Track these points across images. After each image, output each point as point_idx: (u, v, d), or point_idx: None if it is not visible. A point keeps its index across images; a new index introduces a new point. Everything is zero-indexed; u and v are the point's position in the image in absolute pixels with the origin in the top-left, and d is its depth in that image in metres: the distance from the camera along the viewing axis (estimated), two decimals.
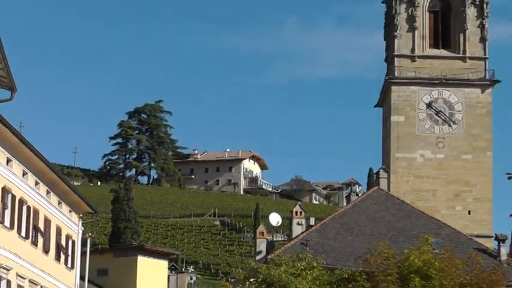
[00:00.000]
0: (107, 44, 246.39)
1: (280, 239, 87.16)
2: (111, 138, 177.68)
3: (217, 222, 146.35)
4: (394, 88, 71.24)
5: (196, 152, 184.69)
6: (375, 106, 76.26)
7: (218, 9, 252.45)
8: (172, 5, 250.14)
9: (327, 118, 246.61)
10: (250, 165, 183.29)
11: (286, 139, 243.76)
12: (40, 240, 48.22)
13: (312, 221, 62.47)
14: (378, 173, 65.91)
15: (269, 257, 46.46)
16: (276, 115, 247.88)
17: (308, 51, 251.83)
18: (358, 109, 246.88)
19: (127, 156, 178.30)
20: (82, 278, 55.33)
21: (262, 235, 60.69)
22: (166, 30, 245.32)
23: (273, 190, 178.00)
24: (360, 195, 71.39)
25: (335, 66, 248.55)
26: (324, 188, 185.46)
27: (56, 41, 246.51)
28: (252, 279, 37.40)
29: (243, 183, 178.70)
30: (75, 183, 78.27)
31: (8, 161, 42.88)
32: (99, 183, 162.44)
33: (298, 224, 58.93)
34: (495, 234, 56.98)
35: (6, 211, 42.71)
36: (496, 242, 53.10)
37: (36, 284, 47.00)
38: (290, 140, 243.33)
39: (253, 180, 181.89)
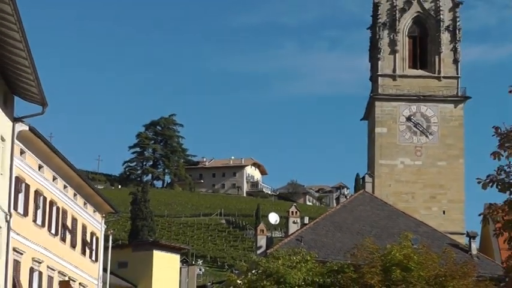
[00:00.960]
0: (128, 65, 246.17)
1: (278, 235, 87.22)
2: (130, 147, 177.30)
3: (223, 221, 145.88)
4: (377, 103, 71.21)
5: (204, 159, 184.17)
6: (361, 119, 76.22)
7: (226, 35, 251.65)
8: (185, 32, 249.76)
9: (319, 129, 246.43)
10: (251, 171, 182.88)
11: (283, 148, 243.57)
12: (68, 236, 48.23)
13: (306, 220, 62.42)
14: (363, 177, 66.08)
15: (268, 251, 46.46)
16: (275, 127, 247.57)
17: (303, 71, 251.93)
18: (347, 122, 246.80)
19: (144, 163, 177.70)
20: (105, 269, 55.35)
21: (263, 232, 60.74)
22: (179, 53, 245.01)
23: (272, 193, 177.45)
24: (348, 197, 71.42)
25: (327, 84, 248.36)
26: (316, 191, 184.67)
27: (81, 60, 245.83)
28: (253, 271, 37.44)
29: (245, 187, 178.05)
30: (99, 187, 78.51)
31: (40, 167, 42.92)
32: (119, 186, 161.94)
33: (293, 222, 58.98)
34: (466, 231, 56.93)
35: (38, 211, 42.73)
36: (468, 239, 53.02)
37: (64, 275, 47.01)
38: (287, 148, 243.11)
39: (254, 184, 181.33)
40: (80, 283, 50.12)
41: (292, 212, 61.56)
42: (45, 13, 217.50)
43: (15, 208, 38.04)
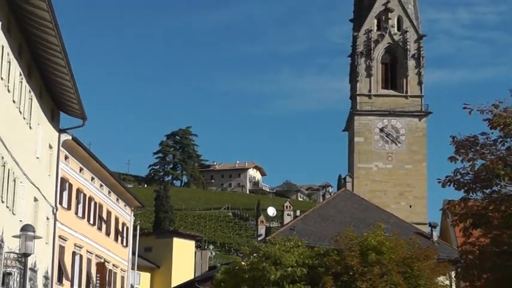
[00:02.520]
0: (151, 84, 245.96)
1: (275, 225, 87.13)
2: (154, 153, 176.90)
3: (230, 214, 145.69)
4: (356, 118, 71.10)
5: (215, 163, 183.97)
6: (343, 130, 76.05)
7: (235, 62, 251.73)
8: (201, 58, 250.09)
9: (310, 138, 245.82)
10: (253, 173, 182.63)
11: (280, 153, 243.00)
12: (103, 226, 48.27)
13: (298, 212, 62.12)
14: (345, 178, 65.92)
15: (267, 238, 46.33)
16: (273, 136, 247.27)
17: (297, 91, 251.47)
18: (332, 132, 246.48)
19: (165, 166, 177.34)
20: (133, 253, 55.40)
21: (262, 223, 60.65)
22: (196, 76, 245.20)
23: (270, 191, 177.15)
24: (332, 194, 71.42)
25: (316, 102, 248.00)
26: (306, 189, 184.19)
27: (114, 82, 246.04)
28: (254, 254, 37.38)
29: (248, 186, 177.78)
30: (129, 186, 78.72)
31: (81, 169, 43.00)
32: (145, 185, 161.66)
33: (288, 215, 58.89)
34: (429, 222, 56.75)
35: (79, 205, 42.83)
36: (430, 228, 52.93)
37: (100, 258, 47.03)
38: (283, 154, 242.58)
39: (255, 183, 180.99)
40: (113, 264, 50.15)
41: (287, 206, 61.51)
42: (84, 41, 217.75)
43: (61, 203, 38.13)
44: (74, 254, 41.92)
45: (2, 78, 25.03)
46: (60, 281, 38.76)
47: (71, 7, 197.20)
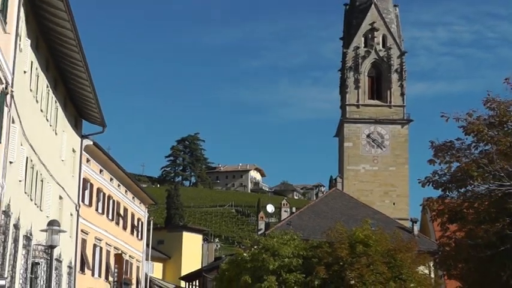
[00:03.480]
0: (163, 95, 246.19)
1: (273, 221, 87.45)
2: (166, 156, 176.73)
3: (233, 210, 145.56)
4: (346, 125, 71.08)
5: (220, 165, 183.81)
6: (334, 136, 75.97)
7: (238, 74, 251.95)
8: (208, 72, 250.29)
9: (304, 143, 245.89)
10: (254, 174, 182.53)
11: (278, 157, 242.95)
12: (121, 221, 48.34)
13: (294, 209, 62.34)
14: (335, 179, 65.96)
15: (266, 232, 46.40)
16: (272, 141, 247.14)
17: (294, 101, 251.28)
18: (324, 138, 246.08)
19: (176, 168, 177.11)
20: (147, 245, 55.48)
21: (262, 218, 60.85)
22: (203, 87, 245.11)
23: (269, 190, 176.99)
24: (324, 193, 71.40)
25: (310, 111, 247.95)
26: (301, 189, 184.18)
27: (133, 91, 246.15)
28: (255, 246, 37.38)
29: (249, 186, 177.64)
30: (143, 185, 78.83)
31: (101, 171, 43.05)
32: (158, 185, 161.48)
33: (285, 211, 58.98)
34: (410, 218, 56.81)
35: (99, 203, 42.89)
36: (411, 223, 53.01)
37: (118, 249, 47.06)
38: (280, 157, 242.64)
39: (256, 183, 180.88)
40: (129, 255, 50.20)
41: (284, 204, 61.67)
42: (104, 56, 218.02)
43: (83, 201, 38.16)
44: (94, 246, 41.96)
45: (31, 90, 25.09)
46: (82, 270, 38.80)
47: (93, 25, 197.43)
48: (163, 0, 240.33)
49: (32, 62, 24.84)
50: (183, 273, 69.79)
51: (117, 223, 47.41)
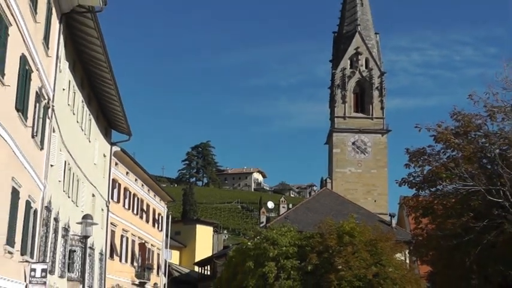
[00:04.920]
0: (181, 107, 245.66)
1: (273, 215, 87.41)
2: (183, 161, 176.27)
3: (239, 206, 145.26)
4: (334, 134, 70.94)
5: (228, 168, 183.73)
6: (325, 143, 75.87)
7: (243, 91, 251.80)
8: (216, 89, 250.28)
9: (300, 149, 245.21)
10: (257, 176, 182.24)
11: (277, 161, 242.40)
12: (144, 215, 48.32)
13: (290, 206, 62.39)
14: (326, 179, 66.07)
15: (267, 225, 46.42)
16: (272, 147, 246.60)
17: (292, 114, 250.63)
18: (316, 145, 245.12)
19: (191, 170, 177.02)
20: (166, 235, 55.44)
21: (263, 213, 60.82)
22: (214, 101, 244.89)
23: (269, 189, 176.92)
24: (316, 192, 71.31)
25: (305, 122, 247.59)
26: (296, 188, 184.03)
27: (152, 106, 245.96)
28: (257, 237, 37.39)
29: (253, 185, 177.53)
30: (163, 185, 78.87)
31: (127, 173, 43.08)
32: (175, 185, 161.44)
33: (283, 207, 58.97)
34: (389, 213, 56.72)
35: (126, 200, 42.90)
36: (390, 217, 52.99)
37: (141, 239, 47.04)
38: (279, 161, 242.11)
39: (258, 183, 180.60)
40: (151, 244, 50.16)
41: (282, 201, 61.68)
42: (131, 75, 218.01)
43: (112, 198, 38.20)
44: (122, 236, 41.97)
45: (68, 104, 25.15)
46: (111, 256, 38.79)
47: (121, 50, 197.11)
48: (184, 29, 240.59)
49: (69, 81, 24.92)
50: (197, 259, 69.75)
51: (141, 217, 47.41)
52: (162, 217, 54.17)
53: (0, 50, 14.90)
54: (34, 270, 18.49)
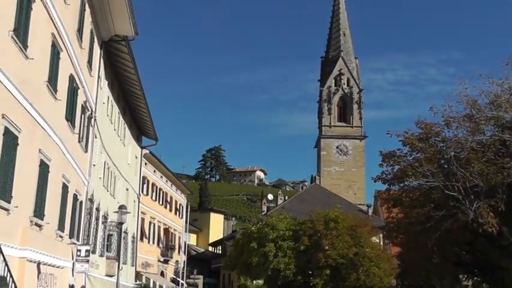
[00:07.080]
0: (200, 117, 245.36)
1: (272, 205, 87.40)
2: (199, 161, 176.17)
3: (245, 198, 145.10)
4: (322, 140, 70.91)
5: (236, 167, 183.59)
6: (314, 147, 75.93)
7: (248, 105, 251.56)
8: (228, 102, 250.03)
9: (294, 152, 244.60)
10: (259, 173, 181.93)
11: (277, 161, 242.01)
12: (168, 205, 48.39)
13: (286, 198, 62.39)
14: (315, 176, 66.15)
15: (268, 213, 46.44)
16: (273, 150, 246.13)
17: (289, 123, 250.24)
18: (307, 148, 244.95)
19: (206, 169, 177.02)
20: (186, 222, 55.55)
21: (265, 204, 60.78)
22: (225, 112, 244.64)
23: (269, 184, 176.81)
24: (307, 186, 71.23)
25: (299, 130, 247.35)
26: (291, 183, 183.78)
27: (173, 116, 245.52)
28: (260, 223, 37.38)
29: (256, 181, 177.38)
30: (183, 181, 79.06)
31: (154, 171, 43.14)
32: (193, 181, 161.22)
33: (280, 199, 58.99)
34: (366, 204, 56.79)
35: (153, 193, 42.95)
36: (367, 207, 52.96)
37: (166, 225, 47.12)
38: (278, 161, 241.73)
39: (260, 180, 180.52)
40: (173, 229, 50.22)
41: (279, 194, 61.74)
42: (158, 93, 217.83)
43: (142, 191, 38.27)
44: (150, 223, 42.06)
45: (107, 115, 25.27)
46: (141, 239, 38.88)
47: (150, 69, 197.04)
48: (202, 52, 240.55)
49: (108, 96, 25.06)
50: (210, 241, 69.79)
51: (165, 207, 47.52)
52: (182, 207, 54.28)
53: (54, 71, 15.07)
54: (79, 250, 18.60)
